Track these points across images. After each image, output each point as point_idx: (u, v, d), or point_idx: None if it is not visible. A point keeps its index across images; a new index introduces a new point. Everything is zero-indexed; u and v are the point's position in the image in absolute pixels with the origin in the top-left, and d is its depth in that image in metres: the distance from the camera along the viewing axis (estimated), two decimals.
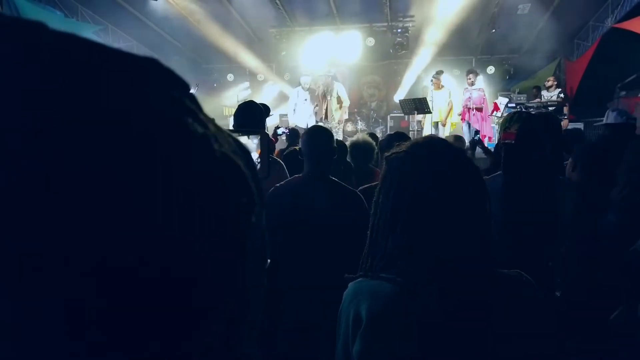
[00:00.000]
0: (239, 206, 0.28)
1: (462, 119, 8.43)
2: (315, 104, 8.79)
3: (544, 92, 8.48)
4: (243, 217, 0.29)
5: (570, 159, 2.34)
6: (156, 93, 0.26)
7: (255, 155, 1.01)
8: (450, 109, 8.56)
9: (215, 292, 0.26)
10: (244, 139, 1.01)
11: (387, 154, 1.11)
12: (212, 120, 0.30)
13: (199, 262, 0.25)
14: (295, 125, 8.20)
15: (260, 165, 1.02)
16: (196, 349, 0.26)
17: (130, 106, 0.24)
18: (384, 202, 1.07)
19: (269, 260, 0.46)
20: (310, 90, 8.65)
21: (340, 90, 8.71)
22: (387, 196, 1.06)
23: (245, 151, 0.32)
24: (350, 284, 1.09)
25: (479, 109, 8.04)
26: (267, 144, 1.02)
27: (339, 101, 8.68)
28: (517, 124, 1.97)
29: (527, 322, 1.00)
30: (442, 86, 8.52)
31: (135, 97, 0.25)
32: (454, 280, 0.99)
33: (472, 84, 8.27)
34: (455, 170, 1.03)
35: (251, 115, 2.89)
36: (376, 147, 3.53)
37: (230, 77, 11.63)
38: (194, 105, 0.29)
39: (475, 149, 4.31)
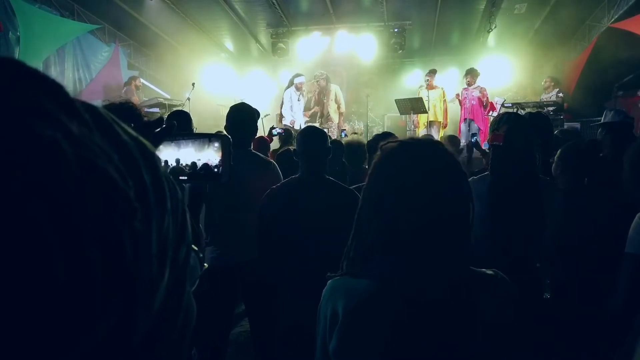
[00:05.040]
0: (101, 210, 0.26)
1: (461, 119, 8.43)
2: (313, 106, 8.78)
3: (541, 95, 8.49)
4: (114, 221, 0.27)
5: (555, 160, 2.36)
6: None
7: (217, 159, 1.00)
8: (446, 109, 8.56)
9: (89, 305, 0.25)
10: (203, 143, 1.00)
11: (382, 143, 1.13)
12: (85, 121, 0.28)
13: (66, 267, 0.24)
14: (292, 124, 8.23)
15: (222, 170, 1.01)
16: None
17: None
18: (370, 190, 1.09)
19: (205, 266, 0.45)
20: (303, 91, 8.64)
21: (338, 93, 8.69)
22: (375, 184, 1.08)
23: (128, 155, 0.31)
24: (329, 282, 1.11)
25: (482, 106, 8.06)
26: (228, 148, 1.01)
27: (337, 102, 8.67)
28: (505, 125, 1.98)
29: (500, 320, 1.01)
30: (435, 85, 8.51)
31: None
32: (430, 277, 1.00)
33: (470, 84, 8.27)
34: (442, 171, 1.05)
35: (243, 116, 2.89)
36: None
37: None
38: (55, 105, 0.27)
39: (472, 151, 4.33)
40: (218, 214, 2.71)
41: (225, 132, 3.01)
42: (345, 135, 8.02)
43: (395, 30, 9.80)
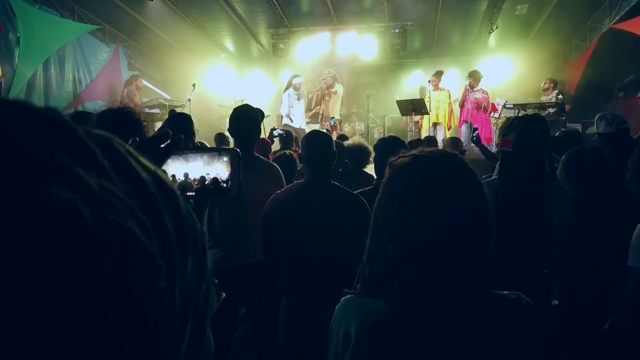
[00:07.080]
0: (124, 275, 0.24)
1: (462, 121, 8.41)
2: (314, 106, 8.79)
3: (541, 97, 8.48)
4: (137, 285, 0.25)
5: (560, 165, 2.33)
6: (6, 154, 0.22)
7: (226, 174, 0.99)
8: (452, 110, 8.53)
9: None
10: (212, 157, 0.98)
11: (392, 159, 1.08)
12: (104, 169, 0.26)
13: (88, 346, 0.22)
14: (288, 116, 8.28)
15: (231, 184, 0.99)
16: None
17: None
18: (385, 208, 1.03)
19: (223, 295, 0.43)
20: (302, 92, 8.66)
21: (340, 93, 8.73)
22: (390, 203, 1.02)
23: (149, 199, 0.28)
24: (342, 299, 1.07)
25: (482, 110, 8.02)
26: (237, 162, 0.99)
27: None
28: (515, 131, 1.96)
29: (524, 348, 0.96)
30: (441, 87, 8.49)
31: None
32: (451, 300, 0.95)
33: (472, 86, 8.24)
34: (461, 185, 1.00)
35: (247, 119, 2.87)
36: (371, 150, 3.51)
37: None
38: (71, 156, 0.24)
39: (478, 144, 4.25)
40: (221, 217, 2.69)
41: (228, 134, 2.99)
42: (335, 122, 8.10)
43: (396, 31, 9.78)
